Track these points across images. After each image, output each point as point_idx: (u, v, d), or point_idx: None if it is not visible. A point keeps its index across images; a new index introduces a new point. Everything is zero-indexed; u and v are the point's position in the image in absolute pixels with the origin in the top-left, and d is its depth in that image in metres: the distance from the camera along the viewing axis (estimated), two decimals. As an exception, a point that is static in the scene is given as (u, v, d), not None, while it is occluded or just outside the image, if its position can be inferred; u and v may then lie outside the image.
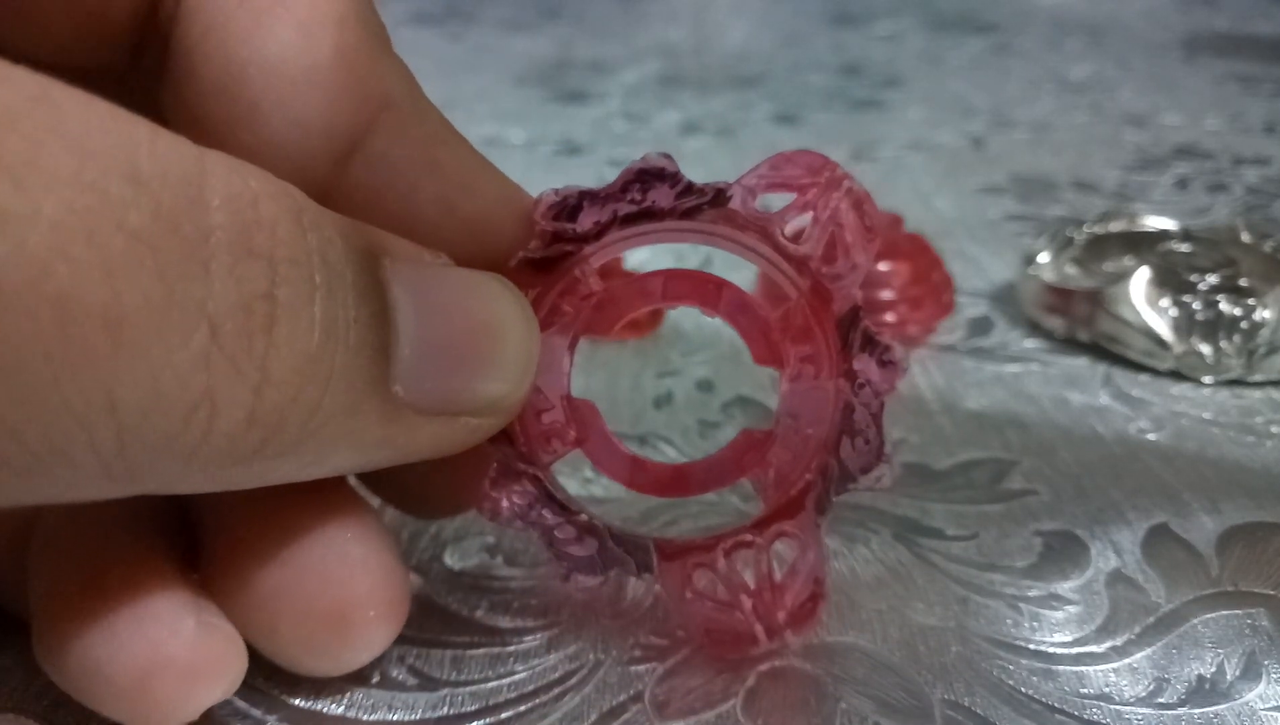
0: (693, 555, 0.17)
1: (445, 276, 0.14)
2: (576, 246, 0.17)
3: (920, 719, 0.16)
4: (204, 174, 0.11)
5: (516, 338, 0.15)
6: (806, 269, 0.17)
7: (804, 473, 0.17)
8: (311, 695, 0.17)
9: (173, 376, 0.11)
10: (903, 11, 0.86)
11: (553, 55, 0.71)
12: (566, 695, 0.17)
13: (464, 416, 0.15)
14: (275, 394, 0.12)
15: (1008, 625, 0.18)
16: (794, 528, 0.16)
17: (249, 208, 0.11)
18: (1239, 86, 0.59)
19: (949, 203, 0.41)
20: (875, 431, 0.16)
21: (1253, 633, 0.18)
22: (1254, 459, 0.23)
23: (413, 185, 0.15)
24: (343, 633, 0.16)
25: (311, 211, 0.12)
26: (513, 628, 0.18)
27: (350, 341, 0.12)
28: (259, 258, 0.11)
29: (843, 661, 0.17)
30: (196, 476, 0.12)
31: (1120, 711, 0.16)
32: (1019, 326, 0.30)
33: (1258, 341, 0.26)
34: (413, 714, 0.17)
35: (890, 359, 0.16)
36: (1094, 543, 0.20)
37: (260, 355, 0.11)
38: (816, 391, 0.17)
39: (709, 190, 0.16)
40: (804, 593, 0.16)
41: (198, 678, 0.14)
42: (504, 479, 0.17)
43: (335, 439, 0.13)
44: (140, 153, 0.11)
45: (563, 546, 0.17)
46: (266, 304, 0.11)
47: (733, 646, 0.17)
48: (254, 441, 0.12)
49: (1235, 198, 0.42)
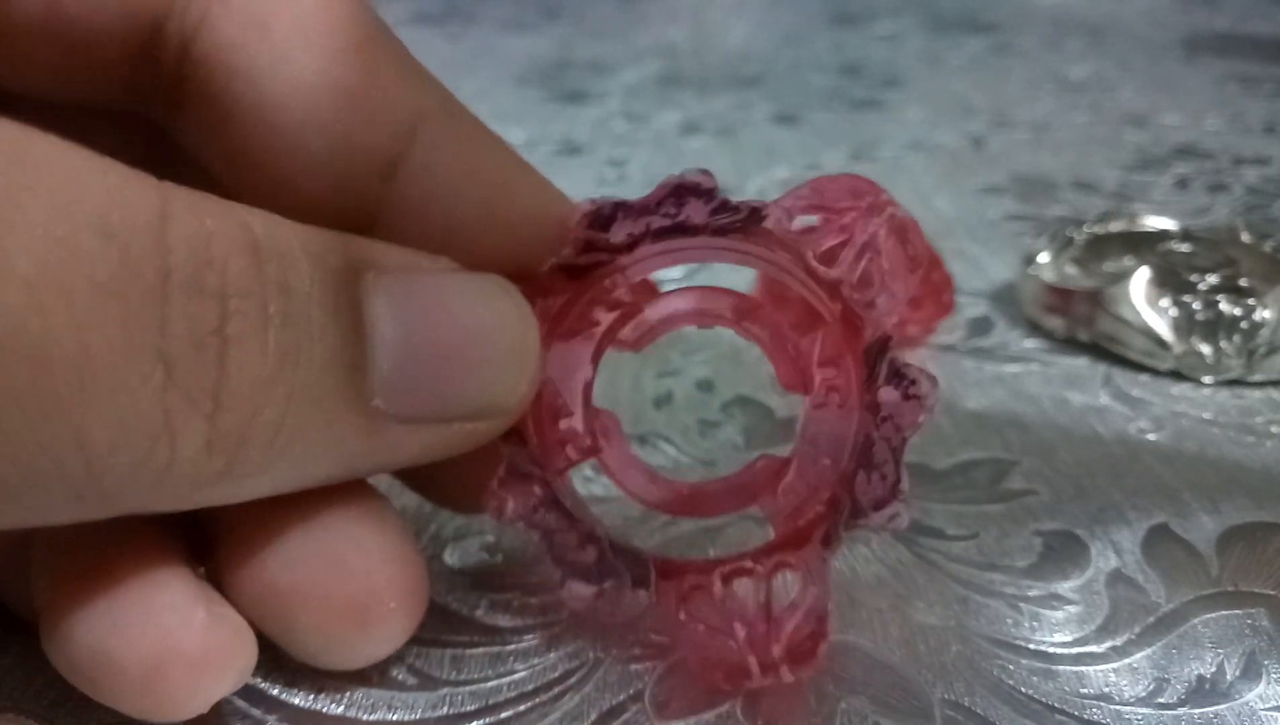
0: (690, 577, 0.16)
1: (434, 283, 0.15)
2: (609, 256, 0.17)
3: (920, 718, 0.16)
4: (165, 217, 0.12)
5: (510, 340, 0.15)
6: (838, 294, 0.16)
7: (816, 504, 0.16)
8: (311, 694, 0.17)
9: (134, 413, 0.11)
10: (903, 11, 0.86)
11: (553, 55, 0.71)
12: (566, 694, 0.17)
13: (457, 422, 0.15)
14: (229, 419, 0.12)
15: (1008, 625, 0.18)
16: (798, 560, 0.16)
17: (203, 246, 0.12)
18: (1239, 86, 0.59)
19: (949, 203, 0.41)
20: (893, 467, 0.15)
21: (1253, 633, 0.18)
22: (1254, 459, 0.23)
23: (455, 193, 0.16)
24: (363, 625, 0.15)
25: (273, 241, 0.13)
26: (512, 627, 0.18)
27: (314, 360, 0.13)
28: (209, 296, 0.12)
29: (843, 660, 0.17)
30: (169, 499, 0.13)
31: (1120, 711, 0.16)
32: (1019, 326, 0.30)
33: (1258, 341, 0.26)
34: (412, 713, 0.17)
35: (916, 393, 0.15)
36: (1094, 543, 0.20)
37: (212, 385, 0.12)
38: (838, 421, 0.16)
39: (744, 208, 0.16)
40: (804, 629, 0.16)
41: (207, 668, 0.14)
42: (512, 479, 0.16)
43: (311, 454, 0.14)
44: (112, 202, 0.11)
45: (562, 552, 0.16)
46: (216, 339, 0.12)
47: (725, 677, 0.16)
48: (218, 465, 0.12)
49: (1235, 198, 0.42)
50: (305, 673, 0.17)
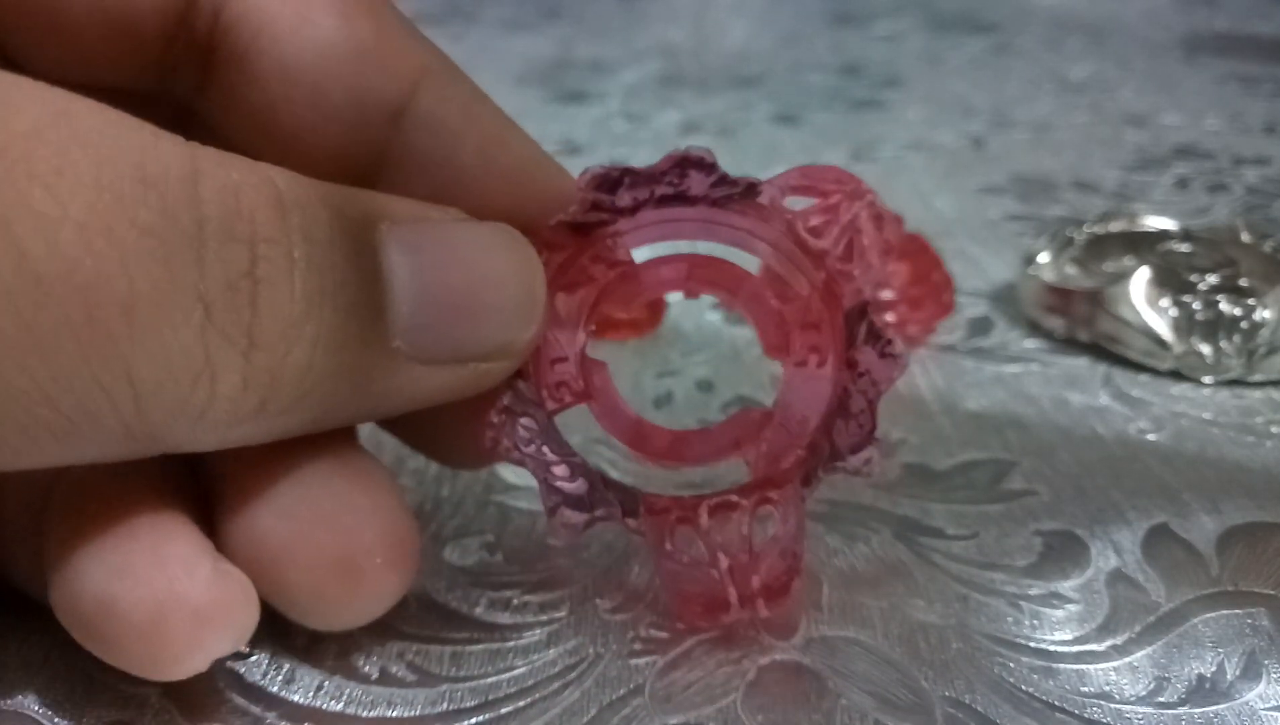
0: (677, 510, 0.17)
1: (445, 231, 0.16)
2: (613, 217, 0.18)
3: (921, 715, 0.16)
4: (197, 171, 0.13)
5: (519, 283, 0.16)
6: (822, 264, 0.17)
7: (795, 450, 0.17)
8: (311, 691, 0.17)
9: (177, 350, 0.12)
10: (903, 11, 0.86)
11: (553, 55, 0.71)
12: (566, 690, 0.17)
13: (472, 362, 0.16)
14: (263, 357, 0.13)
15: (1008, 623, 0.18)
16: (779, 496, 0.17)
17: (232, 199, 0.13)
18: (1239, 86, 0.59)
19: (949, 203, 0.41)
20: (868, 415, 0.17)
21: (1253, 632, 0.18)
22: (1254, 459, 0.23)
23: (455, 139, 0.17)
24: (352, 581, 0.16)
25: (295, 194, 0.14)
26: (512, 624, 0.18)
27: (338, 305, 0.14)
28: (240, 242, 0.13)
29: (844, 656, 0.17)
30: (209, 436, 0.14)
31: (1121, 710, 0.16)
32: (1019, 326, 0.30)
33: (1258, 341, 0.26)
34: (412, 710, 0.17)
35: (891, 352, 0.17)
36: (1094, 542, 0.20)
37: (246, 325, 0.13)
38: (817, 378, 0.18)
39: (741, 182, 0.17)
40: (780, 564, 0.17)
41: (210, 622, 0.15)
42: (510, 413, 0.17)
43: (338, 393, 0.14)
44: (147, 155, 0.12)
45: (555, 481, 0.17)
46: (248, 281, 0.13)
47: (705, 612, 0.17)
48: (253, 402, 0.13)
49: (1235, 198, 0.42)
50: (305, 669, 0.17)
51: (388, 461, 0.23)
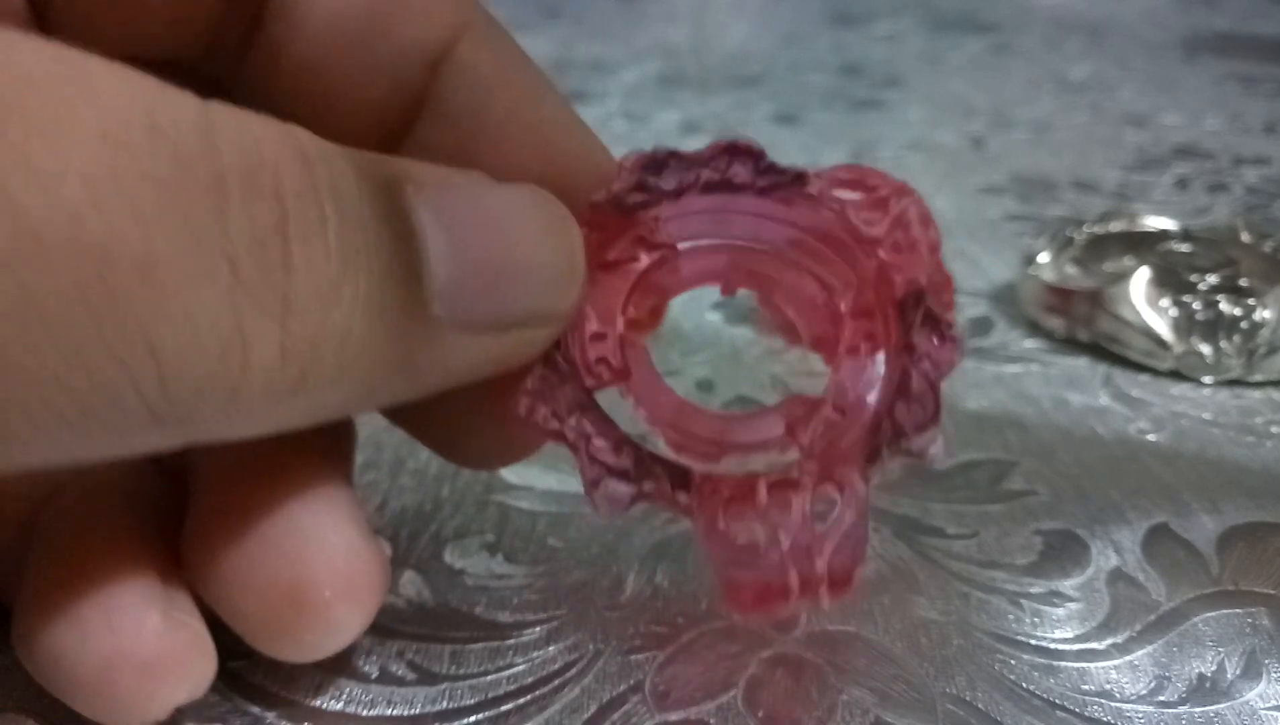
0: (731, 489, 0.16)
1: (475, 193, 0.15)
2: (656, 200, 0.17)
3: (922, 711, 0.16)
4: (211, 123, 0.11)
5: (556, 244, 0.15)
6: (874, 253, 0.17)
7: (853, 430, 0.16)
8: (310, 690, 0.17)
9: (204, 315, 0.11)
10: (903, 11, 0.86)
11: (553, 55, 0.71)
12: (566, 687, 0.17)
13: (514, 329, 0.15)
14: (300, 324, 0.12)
15: (1009, 621, 0.18)
16: (842, 475, 0.16)
17: (253, 150, 0.12)
18: (1239, 86, 0.59)
19: (949, 203, 0.41)
20: (931, 397, 0.16)
21: (1253, 632, 0.18)
22: (1254, 459, 0.23)
23: (488, 91, 0.16)
24: (299, 614, 0.15)
25: (319, 149, 0.13)
26: (512, 622, 0.18)
27: (374, 268, 0.13)
28: (266, 196, 0.12)
29: (845, 652, 0.17)
30: (245, 419, 0.12)
31: (1121, 709, 0.16)
32: (1019, 326, 0.30)
33: (1258, 341, 0.26)
34: (412, 708, 0.17)
35: (951, 335, 0.16)
36: (1094, 542, 0.20)
37: (280, 286, 0.12)
38: (872, 365, 0.17)
39: (790, 171, 0.17)
40: (844, 550, 0.15)
41: (159, 674, 0.14)
42: (545, 385, 0.16)
43: (382, 365, 0.13)
44: (155, 105, 0.11)
45: (598, 454, 0.16)
46: (279, 237, 0.12)
47: (758, 600, 0.16)
48: (292, 374, 0.12)
49: (1235, 198, 0.42)
50: (305, 668, 0.17)
51: (387, 461, 0.23)
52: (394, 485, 0.23)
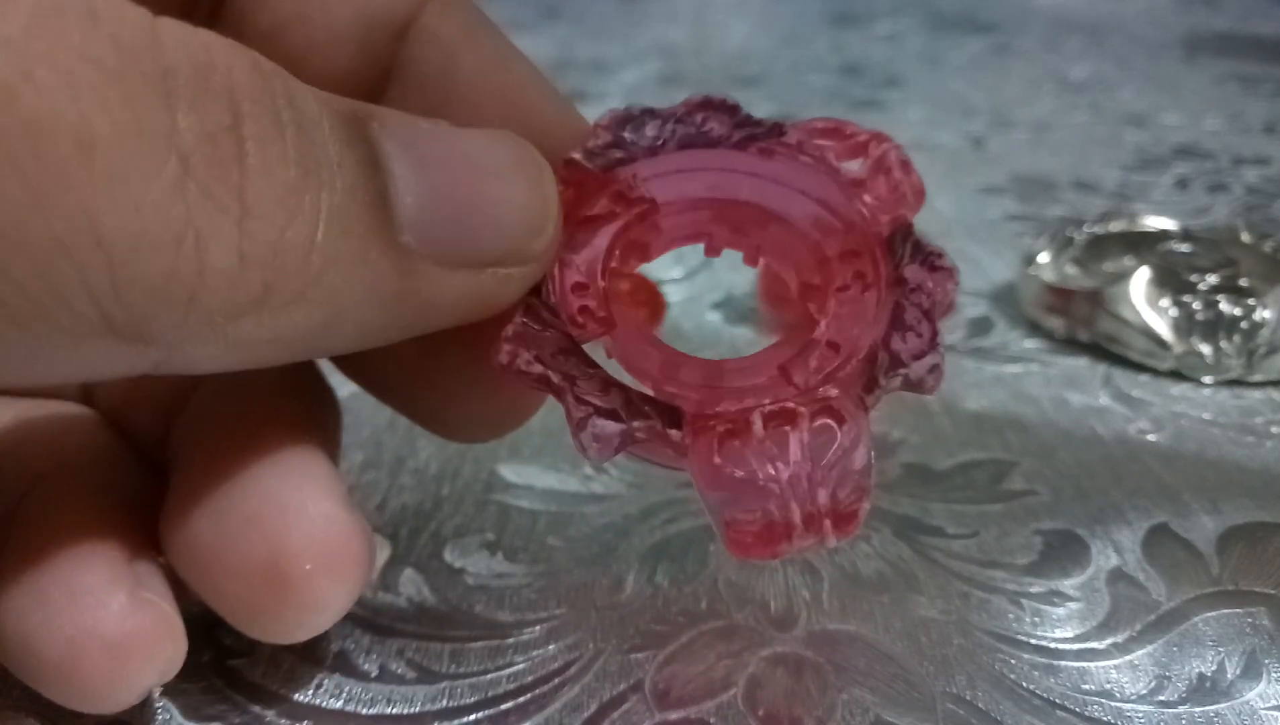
0: (725, 423, 0.15)
1: (443, 130, 0.14)
2: (632, 157, 0.17)
3: (922, 711, 0.16)
4: (156, 22, 0.11)
5: (526, 180, 0.15)
6: (859, 194, 0.17)
7: (850, 362, 0.16)
8: (310, 689, 0.17)
9: (152, 206, 0.10)
10: (903, 11, 0.86)
11: (553, 55, 0.71)
12: (566, 685, 0.17)
13: (489, 267, 0.14)
14: (260, 228, 0.11)
15: (1009, 620, 0.18)
16: (840, 403, 0.15)
17: (202, 52, 0.11)
18: (1239, 86, 0.59)
19: (949, 203, 0.41)
20: (927, 325, 0.16)
21: (1253, 631, 0.18)
22: (1254, 459, 0.23)
23: (454, 55, 0.16)
24: (279, 589, 0.14)
25: (275, 67, 0.12)
26: (512, 620, 0.18)
27: (338, 185, 0.12)
28: (218, 95, 0.11)
29: (845, 650, 0.17)
30: (209, 335, 0.12)
31: (1121, 709, 0.16)
32: (1019, 326, 0.30)
33: (1258, 341, 0.26)
34: (411, 707, 0.17)
35: (942, 265, 0.16)
36: (1094, 542, 0.20)
37: (235, 185, 0.11)
38: (865, 301, 0.16)
39: (766, 122, 0.17)
40: (848, 482, 0.14)
41: (127, 655, 0.14)
42: (527, 330, 0.15)
43: (347, 288, 0.13)
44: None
45: (584, 394, 0.15)
46: (232, 137, 0.11)
47: (760, 541, 0.15)
48: (254, 283, 0.11)
49: (1235, 198, 0.42)
50: (305, 667, 0.17)
51: (387, 461, 0.23)
52: (394, 484, 0.23)
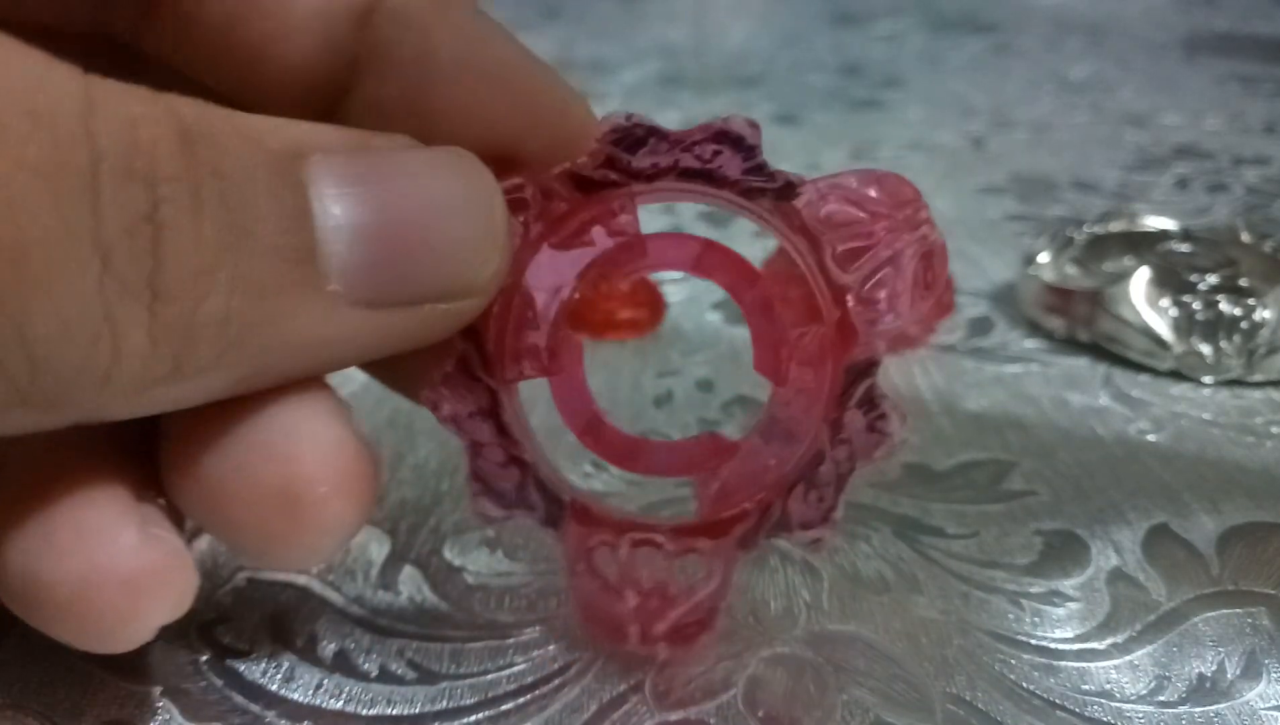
0: (602, 531, 0.16)
1: (386, 159, 0.14)
2: (625, 180, 0.16)
3: (922, 711, 0.16)
4: (91, 103, 0.11)
5: (474, 211, 0.14)
6: (842, 300, 0.15)
7: (747, 499, 0.16)
8: (310, 689, 0.17)
9: (74, 304, 0.11)
10: (903, 11, 0.86)
11: (553, 55, 0.71)
12: (566, 686, 0.17)
13: (427, 304, 0.14)
14: (170, 310, 0.12)
15: (1009, 620, 0.18)
16: (709, 550, 0.15)
17: (130, 131, 0.11)
18: (1239, 86, 0.59)
19: (949, 203, 0.41)
20: (833, 492, 0.15)
21: (1253, 632, 0.18)
22: (1254, 459, 0.23)
23: (427, 32, 0.15)
24: (294, 512, 0.14)
25: (205, 125, 0.12)
26: (512, 621, 0.18)
27: (256, 247, 0.12)
28: (138, 181, 0.11)
29: (845, 651, 0.17)
30: (119, 402, 0.12)
31: (1121, 709, 0.16)
32: (1019, 326, 0.30)
33: (1258, 341, 0.26)
34: (412, 707, 0.17)
35: (883, 428, 0.15)
36: (1094, 542, 0.20)
37: (148, 274, 0.12)
38: (798, 424, 0.16)
39: (779, 178, 0.15)
40: (692, 616, 0.15)
41: (140, 590, 0.14)
42: (457, 379, 0.16)
43: (269, 347, 0.13)
44: (37, 87, 0.11)
45: (484, 466, 0.16)
46: (149, 226, 0.11)
47: (605, 633, 0.16)
48: (164, 360, 0.12)
49: (1235, 198, 0.42)
50: (305, 667, 0.17)
51: (387, 457, 0.23)
52: (393, 479, 0.23)
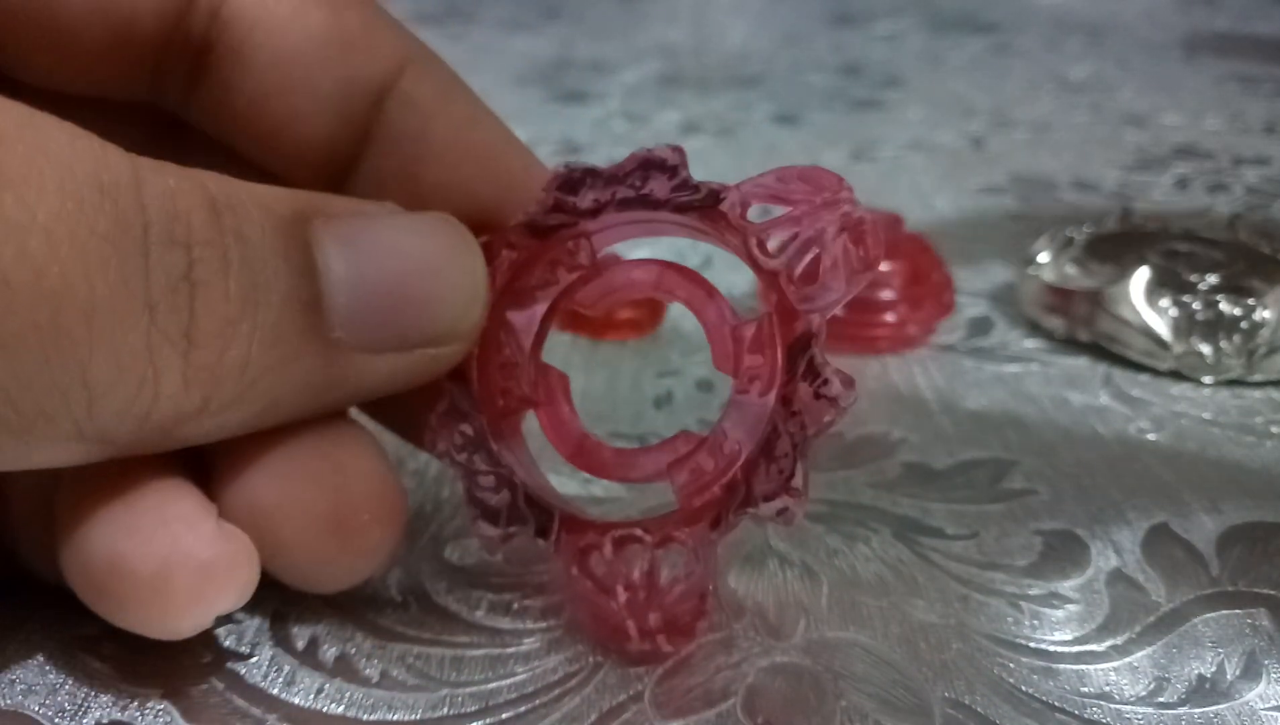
0: (589, 535, 0.17)
1: (381, 223, 0.16)
2: (574, 220, 0.18)
3: (921, 716, 0.16)
4: (139, 178, 0.13)
5: (456, 267, 0.17)
6: (775, 285, 0.16)
7: (716, 485, 0.16)
8: (311, 694, 0.17)
9: (128, 353, 0.13)
10: (903, 11, 0.86)
11: (553, 55, 0.71)
12: (566, 696, 0.17)
13: (418, 349, 0.16)
14: (201, 356, 0.14)
15: (1008, 623, 0.18)
16: (686, 536, 0.16)
17: (170, 202, 0.14)
18: (1239, 86, 0.59)
19: (949, 203, 0.41)
20: (791, 462, 0.16)
21: (1253, 632, 0.18)
22: (1254, 459, 0.23)
23: (430, 117, 0.18)
24: (342, 536, 0.16)
25: (227, 196, 0.14)
26: (513, 629, 0.18)
27: (273, 302, 0.14)
28: (178, 245, 0.14)
29: (843, 657, 0.17)
30: (154, 436, 0.14)
31: (1121, 711, 0.16)
32: (1019, 326, 0.30)
33: (1258, 341, 0.26)
34: (413, 714, 0.17)
35: (826, 393, 0.15)
36: (1094, 542, 0.20)
37: (184, 326, 0.14)
38: (756, 408, 0.16)
39: (703, 189, 0.17)
40: (684, 603, 0.17)
41: (214, 577, 0.15)
42: (449, 417, 0.18)
43: (283, 386, 0.15)
44: (101, 164, 0.13)
45: (478, 492, 0.18)
46: (186, 284, 0.14)
47: (608, 635, 0.17)
48: (195, 400, 0.14)
49: (1235, 198, 0.42)
50: (306, 672, 0.17)
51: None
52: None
